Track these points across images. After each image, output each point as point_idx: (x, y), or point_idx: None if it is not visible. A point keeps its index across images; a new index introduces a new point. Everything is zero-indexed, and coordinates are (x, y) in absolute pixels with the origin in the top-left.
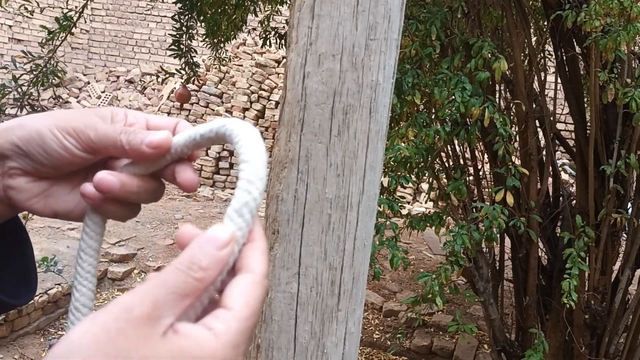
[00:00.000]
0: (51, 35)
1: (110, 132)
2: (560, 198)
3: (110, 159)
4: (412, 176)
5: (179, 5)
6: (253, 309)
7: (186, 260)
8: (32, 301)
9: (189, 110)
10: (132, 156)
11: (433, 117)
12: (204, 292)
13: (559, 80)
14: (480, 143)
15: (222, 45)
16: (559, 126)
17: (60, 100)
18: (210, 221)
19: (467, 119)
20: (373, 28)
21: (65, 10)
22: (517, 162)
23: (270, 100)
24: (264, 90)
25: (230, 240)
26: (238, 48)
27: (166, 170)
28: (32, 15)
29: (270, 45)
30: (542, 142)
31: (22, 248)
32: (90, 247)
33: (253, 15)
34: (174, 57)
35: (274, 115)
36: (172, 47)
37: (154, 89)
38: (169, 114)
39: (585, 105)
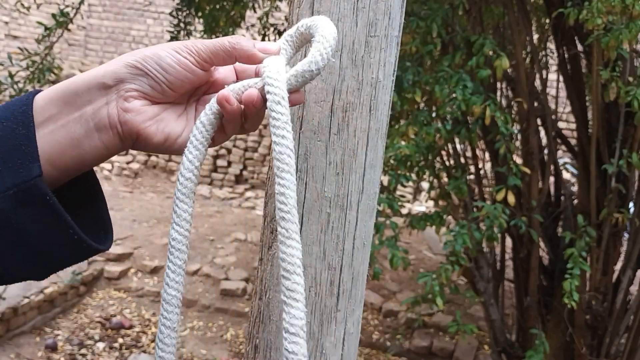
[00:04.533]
0: (48, 32)
1: (216, 41)
2: (562, 197)
3: (204, 95)
4: (413, 175)
5: (177, 1)
6: None
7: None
8: (28, 300)
9: None
10: (241, 59)
11: (434, 115)
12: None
13: (561, 78)
14: (481, 141)
15: None
16: (561, 125)
17: None
18: (208, 220)
19: (468, 117)
20: (373, 25)
21: (62, 7)
22: (519, 160)
23: None
24: None
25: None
26: None
27: None
28: (29, 11)
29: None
30: (544, 140)
31: (96, 197)
32: (194, 159)
33: (252, 11)
34: None
35: None
36: None
37: None
38: None
39: (587, 103)
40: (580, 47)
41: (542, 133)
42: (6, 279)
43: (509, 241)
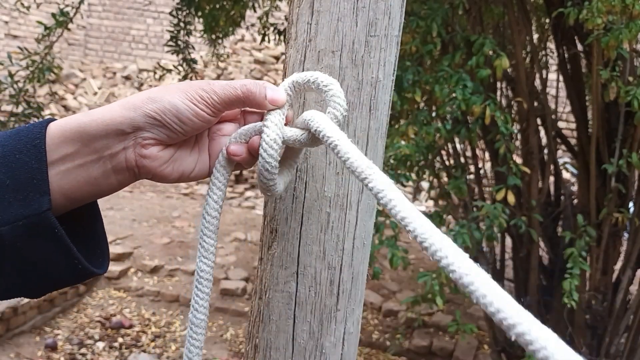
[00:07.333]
0: (47, 31)
1: (230, 92)
2: (562, 197)
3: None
4: (413, 174)
5: (177, 0)
6: None
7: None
8: (27, 300)
9: None
10: (252, 106)
11: (434, 114)
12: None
13: (561, 78)
14: (481, 141)
15: (220, 41)
16: (561, 124)
17: (57, 96)
18: None
19: (468, 117)
20: (373, 24)
21: (61, 6)
22: (519, 160)
23: None
24: None
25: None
26: (236, 44)
27: None
28: (29, 11)
29: (269, 42)
30: (544, 140)
31: (95, 219)
32: (219, 199)
33: (252, 11)
34: (172, 54)
35: None
36: (170, 43)
37: (150, 86)
38: None
39: (587, 103)
40: (580, 47)
41: (542, 133)
42: (3, 295)
43: (508, 241)
